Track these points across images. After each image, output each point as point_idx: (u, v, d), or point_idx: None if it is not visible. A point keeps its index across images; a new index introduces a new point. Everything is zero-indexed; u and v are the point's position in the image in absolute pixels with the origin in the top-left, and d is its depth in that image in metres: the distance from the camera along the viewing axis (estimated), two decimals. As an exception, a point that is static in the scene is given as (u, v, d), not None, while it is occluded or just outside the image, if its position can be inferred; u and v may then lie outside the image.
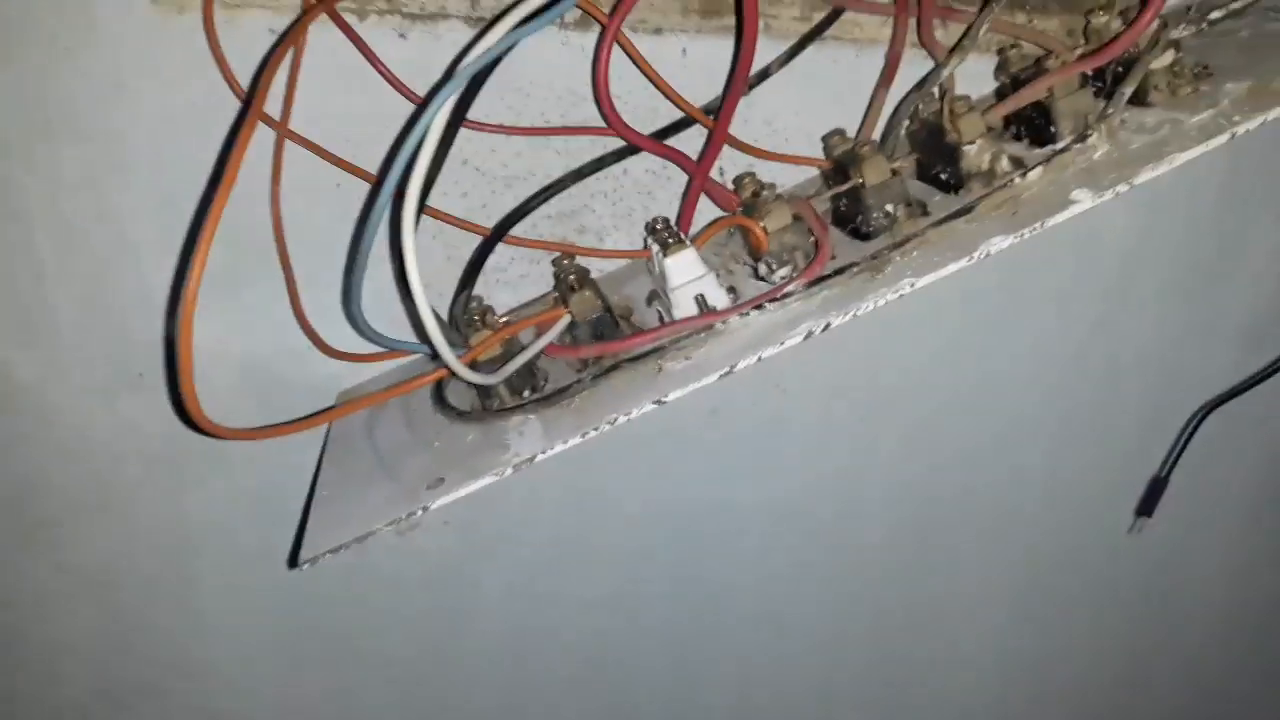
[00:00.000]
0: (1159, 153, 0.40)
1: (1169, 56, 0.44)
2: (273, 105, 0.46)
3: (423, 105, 0.34)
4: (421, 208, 0.42)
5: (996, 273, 0.57)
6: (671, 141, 0.49)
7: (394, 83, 0.47)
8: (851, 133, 0.48)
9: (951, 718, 0.68)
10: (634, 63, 0.46)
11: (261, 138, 0.46)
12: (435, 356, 0.37)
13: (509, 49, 0.39)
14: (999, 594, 0.41)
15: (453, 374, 0.39)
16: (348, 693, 0.56)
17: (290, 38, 0.44)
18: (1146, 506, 0.54)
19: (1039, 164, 0.42)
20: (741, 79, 0.42)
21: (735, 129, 0.52)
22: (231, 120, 0.46)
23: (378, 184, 0.47)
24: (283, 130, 0.47)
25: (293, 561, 0.50)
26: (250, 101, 0.44)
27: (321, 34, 0.46)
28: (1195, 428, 0.52)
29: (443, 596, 0.56)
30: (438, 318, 0.41)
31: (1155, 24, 0.44)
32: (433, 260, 0.51)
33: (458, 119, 0.43)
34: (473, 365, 0.42)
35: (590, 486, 0.54)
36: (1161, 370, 0.58)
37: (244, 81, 0.46)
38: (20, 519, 0.52)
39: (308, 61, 0.46)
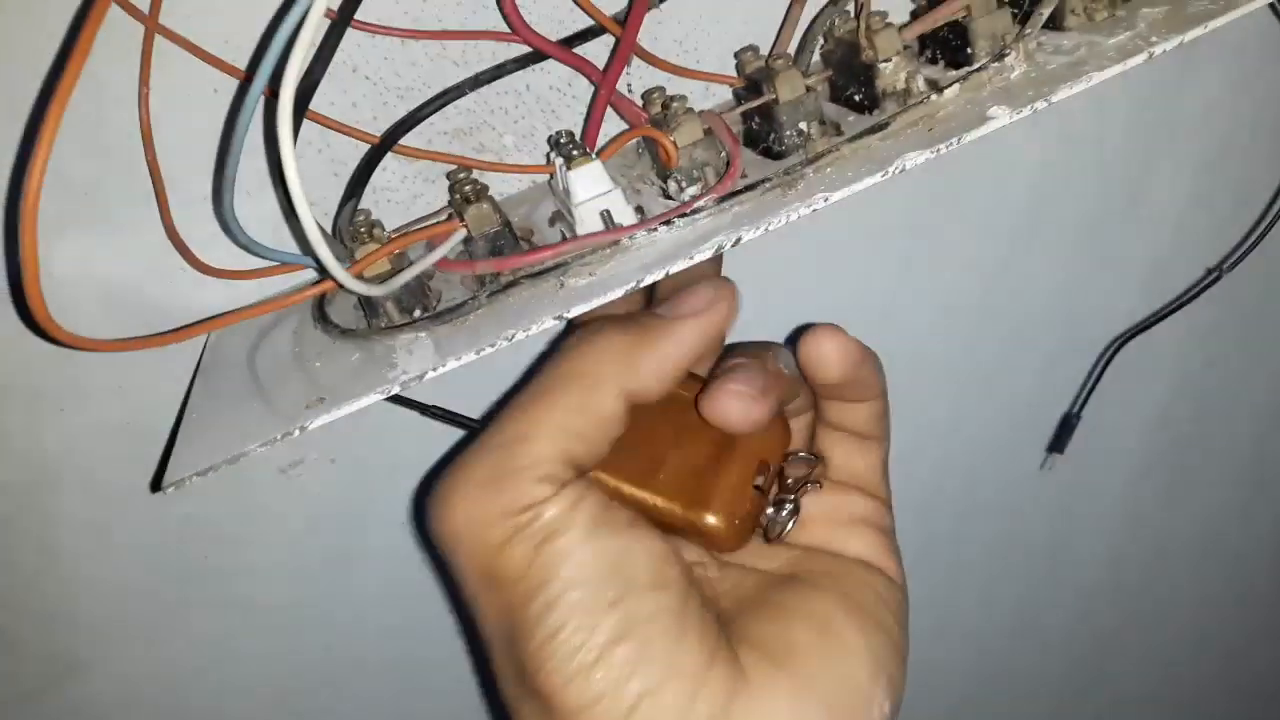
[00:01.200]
0: (1077, 72, 0.39)
1: (1087, -21, 0.43)
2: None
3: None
4: (303, 107, 0.39)
5: (905, 212, 0.56)
6: (580, 52, 0.46)
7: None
8: (766, 50, 0.47)
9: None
10: (535, -38, 0.43)
11: (129, 32, 0.42)
12: (318, 268, 0.34)
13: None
14: (907, 539, 0.41)
15: (338, 287, 0.36)
16: (225, 641, 0.52)
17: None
18: (1058, 443, 0.55)
19: (956, 81, 0.40)
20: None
21: (647, 46, 0.50)
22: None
23: (248, 77, 0.44)
24: (151, 24, 0.43)
25: (155, 485, 0.46)
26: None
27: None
28: (1107, 362, 0.52)
29: (329, 538, 0.53)
30: (320, 227, 0.38)
31: (1072, -55, 0.43)
32: (317, 175, 0.47)
33: (345, 17, 0.40)
34: (361, 279, 0.39)
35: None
36: (1071, 307, 0.58)
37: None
38: None
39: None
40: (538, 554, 0.30)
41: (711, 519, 0.36)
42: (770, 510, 0.38)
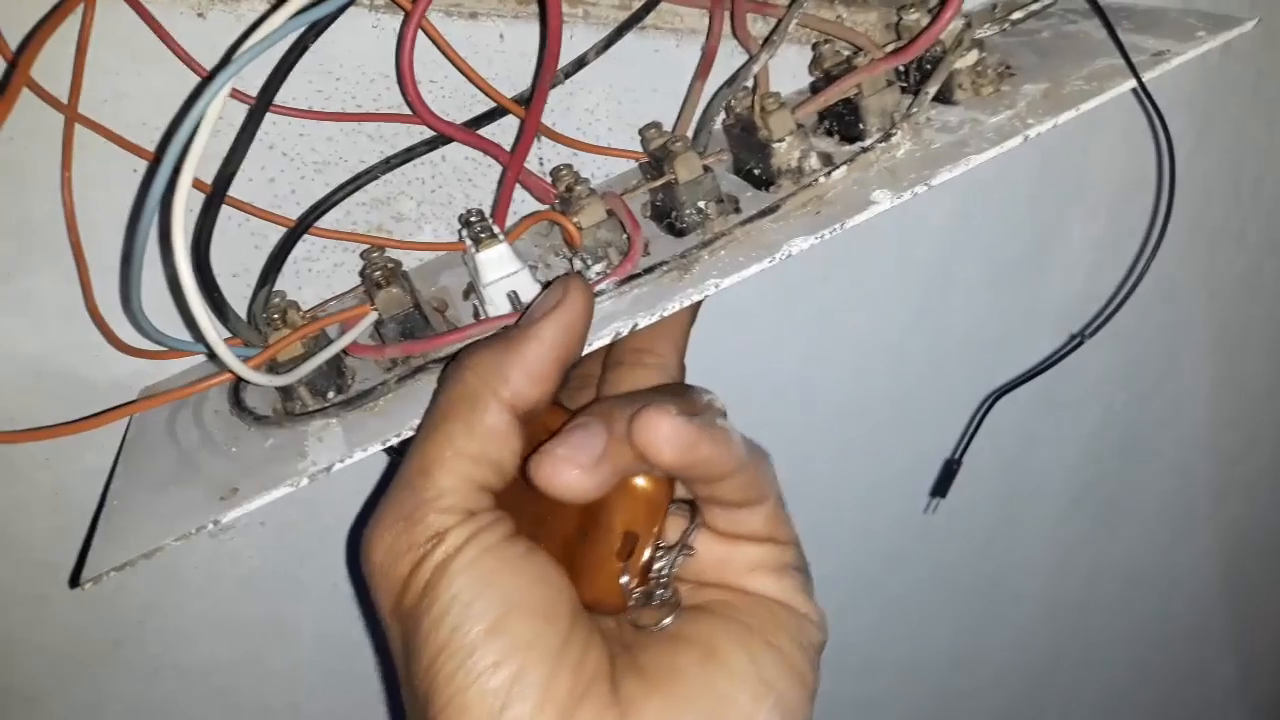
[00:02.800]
0: (958, 153, 0.41)
1: (973, 56, 0.45)
2: (61, 87, 0.43)
3: (197, 91, 0.32)
4: (220, 200, 0.40)
5: (820, 265, 0.58)
6: (491, 130, 0.48)
7: (190, 64, 0.44)
8: (670, 125, 0.48)
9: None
10: (439, 49, 0.44)
11: (51, 123, 0.43)
12: (215, 358, 0.36)
13: (301, 32, 0.38)
14: (834, 582, 0.42)
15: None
16: (161, 705, 0.53)
17: (65, 6, 0.41)
18: (940, 488, 0.57)
19: (845, 162, 0.42)
20: (549, 69, 0.41)
21: (558, 118, 0.51)
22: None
23: (149, 176, 0.45)
24: (71, 114, 0.44)
25: (74, 581, 0.47)
26: (16, 63, 0.41)
27: (111, 11, 0.43)
28: (985, 413, 0.54)
29: (262, 600, 0.54)
30: (228, 314, 0.39)
31: (960, 23, 0.45)
32: (240, 247, 0.49)
33: (264, 104, 0.42)
34: (272, 365, 0.40)
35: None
36: (975, 358, 0.60)
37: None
38: None
39: (99, 43, 0.43)
40: (432, 581, 0.31)
41: (583, 591, 0.34)
42: (638, 594, 0.35)
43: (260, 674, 0.55)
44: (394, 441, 0.37)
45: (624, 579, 0.34)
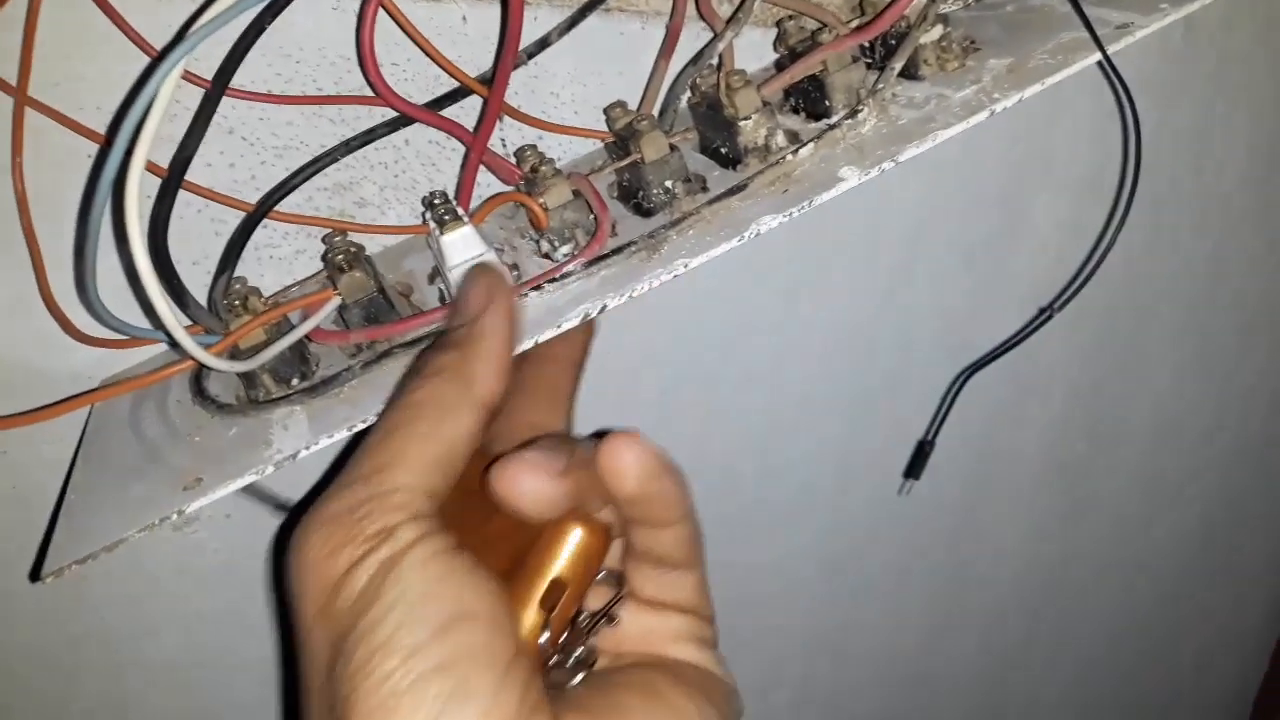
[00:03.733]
0: (925, 129, 0.41)
1: (938, 31, 0.45)
2: (9, 69, 0.42)
3: (149, 71, 0.32)
4: (176, 185, 0.39)
5: (788, 247, 0.58)
6: (455, 112, 0.47)
7: (144, 46, 0.43)
8: (636, 105, 0.48)
9: (757, 689, 0.70)
10: (401, 29, 0.44)
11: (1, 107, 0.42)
12: (175, 345, 0.35)
13: (257, 13, 0.37)
14: (806, 564, 0.42)
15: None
16: (125, 701, 0.52)
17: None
18: (913, 470, 0.56)
19: (811, 140, 0.42)
20: (510, 48, 0.40)
21: (522, 99, 0.50)
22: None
23: (100, 159, 0.44)
24: (21, 96, 0.43)
25: (34, 575, 0.46)
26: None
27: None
28: (957, 392, 0.54)
29: (228, 593, 0.53)
30: (187, 301, 0.38)
31: (924, -1, 0.45)
32: (200, 234, 0.48)
33: (220, 87, 0.41)
34: (234, 353, 0.39)
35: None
36: (945, 338, 0.60)
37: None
38: None
39: (48, 24, 0.42)
40: (375, 577, 0.29)
41: None
42: (556, 657, 0.33)
43: (228, 668, 0.55)
44: (360, 427, 0.36)
45: (544, 633, 0.33)
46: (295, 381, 0.40)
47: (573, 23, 0.48)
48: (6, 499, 0.48)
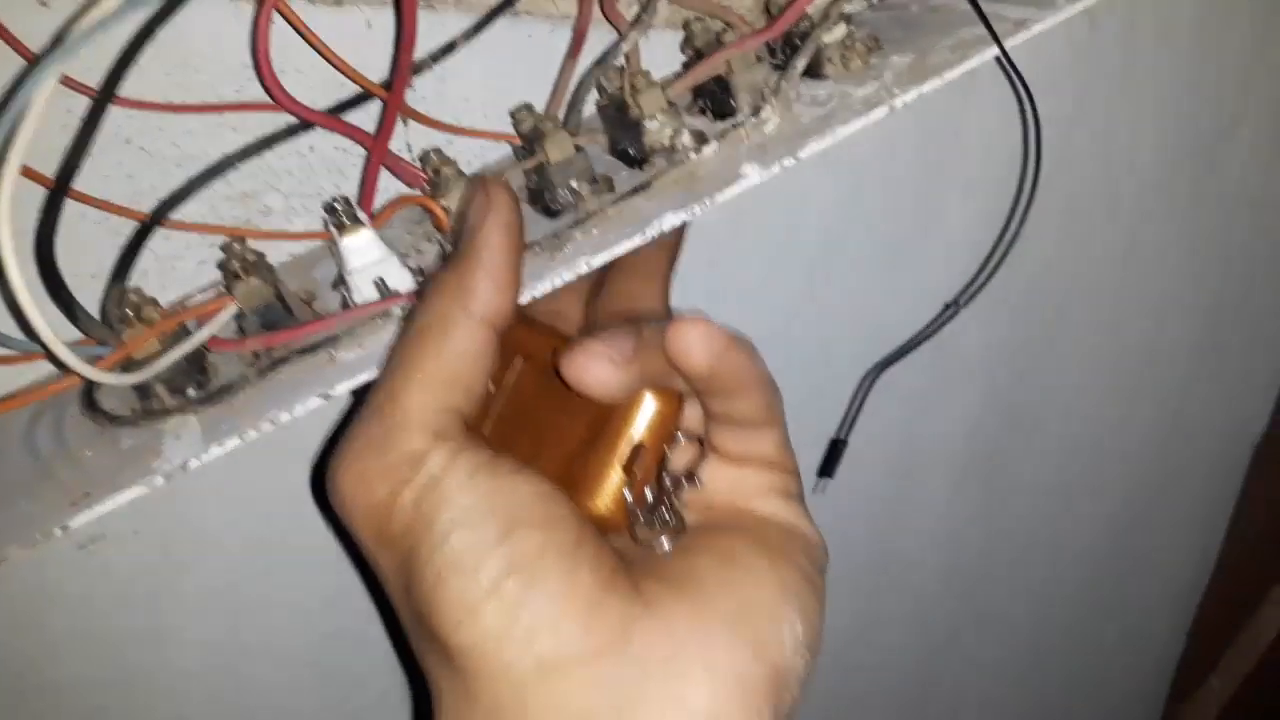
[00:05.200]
0: (825, 126, 0.41)
1: (841, 30, 0.45)
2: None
3: (21, 78, 0.31)
4: (62, 195, 0.38)
5: (707, 251, 0.58)
6: (362, 117, 0.46)
7: (25, 54, 0.42)
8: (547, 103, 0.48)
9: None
10: (299, 33, 0.43)
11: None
12: (54, 359, 0.34)
13: (148, 19, 0.36)
14: None
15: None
16: (31, 726, 0.51)
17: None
18: (827, 468, 0.56)
19: (716, 138, 0.42)
20: (406, 49, 0.40)
21: (431, 105, 0.50)
22: None
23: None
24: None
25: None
26: None
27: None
28: (868, 389, 0.55)
29: (138, 614, 0.52)
30: (77, 313, 0.37)
31: (827, -2, 0.45)
32: (101, 249, 0.46)
33: (106, 96, 0.40)
34: (128, 364, 0.38)
35: (280, 485, 0.51)
36: (861, 337, 0.60)
37: None
38: None
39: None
40: (421, 502, 0.31)
41: (583, 503, 0.34)
42: (641, 510, 0.35)
43: (142, 688, 0.53)
44: (253, 435, 0.35)
45: (627, 491, 0.34)
46: (191, 392, 0.39)
47: (479, 27, 0.48)
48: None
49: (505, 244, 0.35)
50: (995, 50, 0.43)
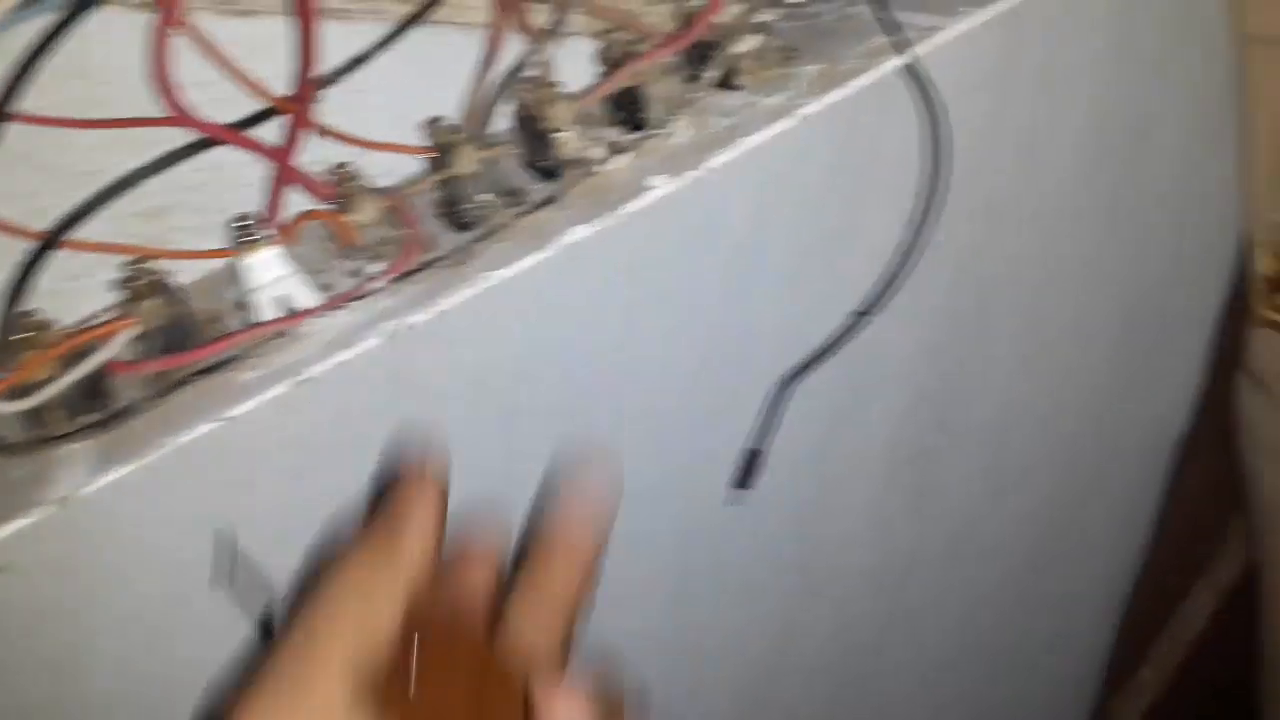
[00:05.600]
0: (732, 136, 0.41)
1: (755, 41, 0.46)
2: None
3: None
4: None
5: (627, 262, 0.57)
6: (272, 130, 0.46)
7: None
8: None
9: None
10: (199, 46, 0.42)
11: None
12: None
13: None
14: (651, 578, 0.42)
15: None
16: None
17: None
18: (744, 479, 0.56)
19: (627, 150, 0.42)
20: (308, 63, 0.39)
21: (342, 117, 0.49)
22: None
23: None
24: None
25: None
26: None
27: None
28: (776, 400, 0.55)
29: (54, 639, 0.50)
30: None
31: (741, 8, 0.45)
32: (3, 271, 0.45)
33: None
34: (17, 390, 0.37)
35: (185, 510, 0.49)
36: (780, 349, 0.60)
37: None
38: None
39: None
40: None
41: None
42: None
43: (59, 714, 0.52)
44: (150, 459, 0.34)
45: None
46: (89, 416, 0.38)
47: (391, 37, 0.47)
48: None
49: (434, 516, 0.35)
50: (902, 59, 0.43)
